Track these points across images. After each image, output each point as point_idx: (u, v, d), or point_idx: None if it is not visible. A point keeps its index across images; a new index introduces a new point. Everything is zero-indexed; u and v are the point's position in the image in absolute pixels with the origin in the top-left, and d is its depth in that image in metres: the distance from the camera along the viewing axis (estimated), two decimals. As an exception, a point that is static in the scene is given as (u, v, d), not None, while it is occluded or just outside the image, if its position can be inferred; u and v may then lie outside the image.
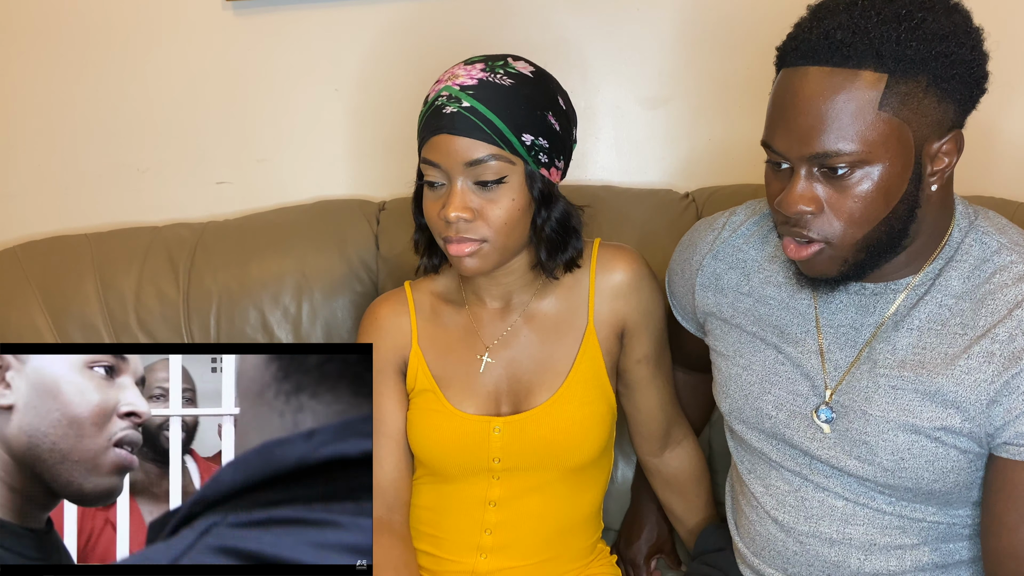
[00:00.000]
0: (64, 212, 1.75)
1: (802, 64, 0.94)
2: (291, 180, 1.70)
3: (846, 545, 1.06)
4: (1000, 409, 0.95)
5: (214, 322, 1.53)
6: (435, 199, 1.14)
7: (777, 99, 0.97)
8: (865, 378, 1.03)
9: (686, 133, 1.61)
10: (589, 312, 1.22)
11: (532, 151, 1.12)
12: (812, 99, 0.92)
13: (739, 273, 1.15)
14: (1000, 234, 1.01)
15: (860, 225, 0.95)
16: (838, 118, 0.91)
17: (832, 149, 0.92)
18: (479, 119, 1.09)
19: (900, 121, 0.91)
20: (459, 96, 1.10)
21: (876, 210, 0.94)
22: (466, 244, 1.12)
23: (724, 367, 1.15)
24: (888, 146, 0.92)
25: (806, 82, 0.93)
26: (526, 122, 1.11)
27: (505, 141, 1.09)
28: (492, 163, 1.10)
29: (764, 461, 1.12)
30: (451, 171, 1.11)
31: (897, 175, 0.93)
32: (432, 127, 1.11)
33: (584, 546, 1.30)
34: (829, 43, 0.92)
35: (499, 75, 1.11)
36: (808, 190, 0.95)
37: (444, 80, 1.13)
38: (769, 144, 0.98)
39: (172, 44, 1.67)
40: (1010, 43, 1.42)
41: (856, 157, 0.92)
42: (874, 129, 0.91)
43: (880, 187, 0.93)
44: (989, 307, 0.97)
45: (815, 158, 0.93)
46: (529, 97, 1.12)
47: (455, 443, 1.21)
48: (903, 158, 0.93)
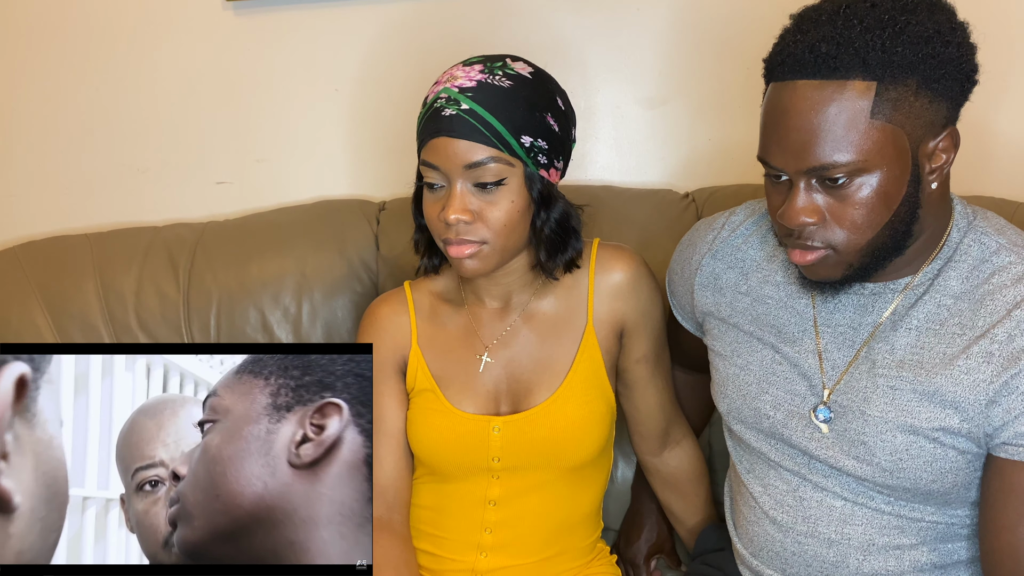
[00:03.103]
0: (64, 212, 1.75)
1: (790, 78, 0.94)
2: (291, 180, 1.70)
3: (844, 545, 1.06)
4: (999, 409, 0.95)
5: (214, 322, 1.53)
6: (435, 201, 1.13)
7: (769, 115, 0.97)
8: (863, 378, 1.03)
9: (686, 133, 1.61)
10: (588, 311, 1.22)
11: (531, 153, 1.11)
12: (804, 113, 0.92)
13: (737, 273, 1.15)
14: (999, 235, 1.01)
15: (863, 231, 0.95)
16: (831, 130, 0.91)
17: (828, 161, 0.92)
18: (478, 121, 1.09)
19: (893, 127, 0.92)
20: (458, 98, 1.09)
21: (878, 215, 0.94)
22: (466, 246, 1.12)
23: (722, 367, 1.15)
24: (884, 152, 0.92)
25: (796, 97, 0.93)
26: (525, 124, 1.10)
27: (504, 143, 1.09)
28: (491, 165, 1.10)
29: (762, 461, 1.12)
30: (450, 173, 1.10)
31: (896, 179, 0.93)
32: (431, 129, 1.11)
33: (584, 545, 1.31)
34: (815, 56, 0.91)
35: (498, 76, 1.11)
36: (809, 202, 0.95)
37: (443, 82, 1.13)
38: (765, 160, 0.98)
39: (172, 44, 1.67)
40: (1007, 43, 1.42)
41: (853, 167, 0.92)
42: (868, 137, 0.91)
43: (880, 193, 0.93)
44: (988, 307, 0.97)
45: (812, 171, 0.93)
46: (528, 98, 1.11)
47: (455, 442, 1.21)
48: (900, 162, 0.93)
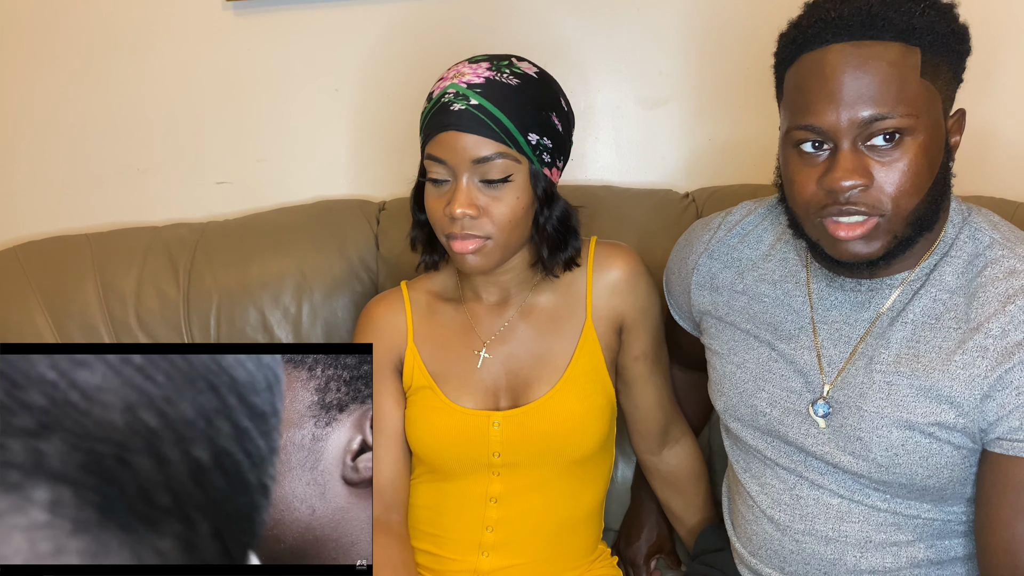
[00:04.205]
0: (64, 212, 1.75)
1: (835, 41, 0.94)
2: (291, 180, 1.70)
3: (841, 543, 1.06)
4: (993, 404, 0.96)
5: (214, 322, 1.53)
6: (439, 195, 1.13)
7: (812, 79, 0.95)
8: (860, 374, 1.03)
9: (686, 133, 1.61)
10: (587, 307, 1.22)
11: (537, 150, 1.12)
12: (857, 68, 0.92)
13: (734, 272, 1.15)
14: (993, 229, 1.02)
15: (911, 196, 0.94)
16: (886, 83, 0.92)
17: (885, 111, 0.92)
18: (487, 117, 1.09)
19: (936, 90, 0.94)
20: (467, 94, 1.10)
21: (923, 180, 0.95)
22: (470, 241, 1.12)
23: (719, 365, 1.15)
24: (931, 114, 0.94)
25: (846, 56, 0.93)
26: (532, 122, 1.11)
27: (512, 140, 1.10)
28: (499, 161, 1.10)
29: (759, 459, 1.12)
30: (457, 168, 1.11)
31: (936, 145, 0.95)
32: (439, 124, 1.11)
33: (586, 545, 1.30)
34: (863, 18, 0.93)
35: (505, 75, 1.11)
36: (858, 163, 0.94)
37: (449, 78, 1.13)
38: (809, 124, 0.95)
39: (172, 44, 1.67)
40: (1008, 46, 1.42)
41: (906, 123, 0.92)
42: (920, 96, 0.93)
43: (924, 155, 0.94)
44: (980, 300, 0.98)
45: (867, 123, 0.92)
46: (534, 97, 1.12)
47: (455, 438, 1.21)
48: (938, 128, 0.95)
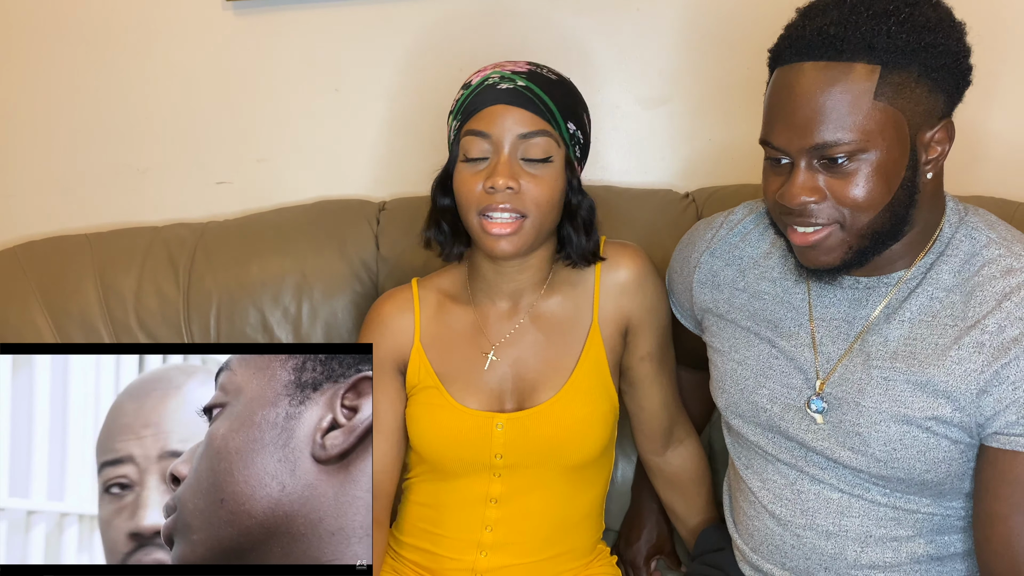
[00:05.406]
0: (64, 212, 1.75)
1: (797, 60, 0.96)
2: (291, 180, 1.70)
3: (842, 537, 1.06)
4: (990, 399, 0.97)
5: (214, 322, 1.53)
6: (475, 173, 1.15)
7: (774, 96, 0.99)
8: (858, 370, 1.04)
9: (686, 133, 1.61)
10: (594, 309, 1.23)
11: (573, 140, 1.16)
12: (809, 93, 0.95)
13: (735, 270, 1.16)
14: (989, 229, 1.03)
15: (865, 210, 0.96)
16: (835, 109, 0.94)
17: (831, 139, 0.94)
18: (535, 97, 1.13)
19: (895, 110, 0.94)
20: (513, 77, 1.15)
21: (879, 195, 0.96)
22: (506, 225, 1.13)
23: (720, 363, 1.16)
24: (885, 134, 0.94)
25: (802, 77, 0.95)
26: (570, 113, 1.16)
27: (555, 122, 1.14)
28: (542, 140, 1.13)
29: (760, 455, 1.13)
30: (501, 140, 1.13)
31: (895, 161, 0.95)
32: (485, 100, 1.14)
33: (585, 545, 1.30)
34: (823, 38, 0.94)
35: (544, 70, 1.18)
36: (809, 181, 0.97)
37: (490, 68, 1.18)
38: (768, 141, 1.00)
39: (172, 44, 1.67)
40: (1001, 44, 1.42)
41: (854, 146, 0.94)
42: (871, 118, 0.93)
43: (879, 173, 0.95)
44: (978, 299, 0.99)
45: (815, 149, 0.95)
46: (571, 93, 1.18)
47: (457, 438, 1.21)
48: (900, 145, 0.95)
